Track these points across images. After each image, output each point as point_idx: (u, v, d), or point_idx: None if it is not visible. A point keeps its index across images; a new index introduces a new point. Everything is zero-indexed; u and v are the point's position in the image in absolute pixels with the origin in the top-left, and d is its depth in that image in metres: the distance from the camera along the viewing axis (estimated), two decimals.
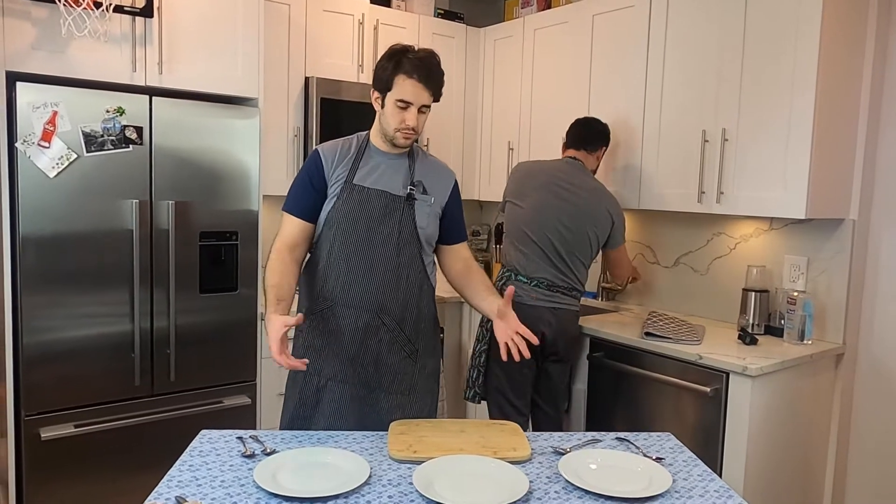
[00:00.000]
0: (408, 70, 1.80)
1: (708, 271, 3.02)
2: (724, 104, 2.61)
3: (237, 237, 2.77)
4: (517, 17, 3.74)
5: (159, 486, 1.39)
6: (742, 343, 2.53)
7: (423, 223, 1.91)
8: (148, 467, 2.63)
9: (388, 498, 1.38)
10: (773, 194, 2.47)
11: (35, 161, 2.33)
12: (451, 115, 3.75)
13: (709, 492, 1.46)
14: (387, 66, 1.82)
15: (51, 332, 2.42)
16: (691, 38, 2.73)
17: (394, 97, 1.82)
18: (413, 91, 1.81)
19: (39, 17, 2.35)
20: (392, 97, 1.82)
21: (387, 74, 1.82)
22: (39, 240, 2.37)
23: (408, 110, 1.82)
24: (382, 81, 1.83)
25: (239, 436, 1.66)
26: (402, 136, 1.85)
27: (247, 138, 2.75)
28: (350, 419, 1.90)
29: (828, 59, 2.37)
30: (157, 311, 2.62)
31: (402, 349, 1.92)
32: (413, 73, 1.80)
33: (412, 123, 1.83)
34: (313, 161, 1.90)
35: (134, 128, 2.50)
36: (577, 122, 2.83)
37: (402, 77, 1.80)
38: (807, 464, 2.59)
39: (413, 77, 1.80)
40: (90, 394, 2.51)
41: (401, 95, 1.81)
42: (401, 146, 1.90)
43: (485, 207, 4.31)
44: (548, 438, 1.74)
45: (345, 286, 1.87)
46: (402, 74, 1.80)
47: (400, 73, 1.80)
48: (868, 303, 2.61)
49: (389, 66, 1.82)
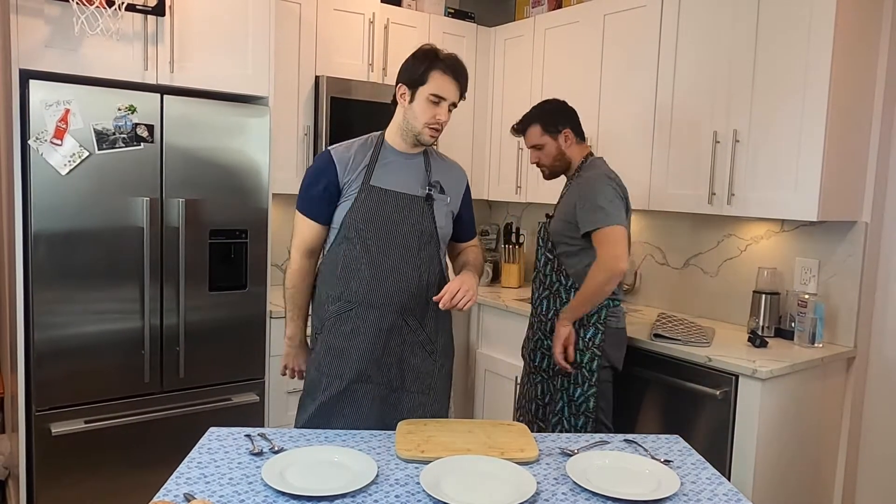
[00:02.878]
0: (443, 67, 1.84)
1: (718, 273, 3.00)
2: (736, 105, 2.59)
3: (247, 235, 2.77)
4: (528, 16, 3.73)
5: (168, 482, 1.40)
6: (752, 346, 2.52)
7: (441, 222, 1.95)
8: (156, 463, 2.64)
9: (396, 497, 1.38)
10: (784, 196, 2.45)
11: (47, 158, 2.35)
12: (461, 114, 3.74)
13: (717, 495, 1.45)
14: (420, 62, 1.86)
15: (62, 328, 2.43)
16: (703, 39, 2.71)
17: (427, 91, 1.84)
18: (448, 87, 1.85)
19: (52, 16, 2.36)
20: (425, 91, 1.84)
21: (421, 70, 1.85)
22: (51, 236, 2.39)
23: (440, 105, 1.85)
24: (415, 76, 1.86)
25: (247, 433, 1.67)
26: (430, 132, 1.88)
27: (257, 137, 2.76)
28: (371, 420, 1.91)
29: (841, 60, 2.35)
30: (167, 309, 2.63)
31: (423, 348, 1.95)
32: (448, 70, 1.84)
33: (444, 118, 1.86)
34: (326, 165, 1.90)
35: (145, 126, 2.51)
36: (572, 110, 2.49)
37: (438, 73, 1.84)
38: (816, 468, 2.57)
39: (448, 74, 1.84)
40: (100, 390, 2.53)
41: (436, 90, 1.84)
42: (425, 143, 1.92)
43: (494, 207, 4.31)
44: (555, 439, 1.74)
45: (368, 288, 1.89)
46: (438, 70, 1.84)
47: (436, 69, 1.84)
48: (880, 306, 2.59)
49: (424, 62, 1.85)
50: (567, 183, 2.49)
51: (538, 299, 2.48)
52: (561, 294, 2.39)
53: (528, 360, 2.51)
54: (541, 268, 2.48)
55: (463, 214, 2.06)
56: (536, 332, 2.47)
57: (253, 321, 2.83)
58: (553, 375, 2.40)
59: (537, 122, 2.44)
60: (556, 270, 2.42)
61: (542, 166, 2.49)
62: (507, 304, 3.26)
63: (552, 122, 2.43)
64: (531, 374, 2.49)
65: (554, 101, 2.50)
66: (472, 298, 1.78)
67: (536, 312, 2.48)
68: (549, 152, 2.44)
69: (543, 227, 2.50)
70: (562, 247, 2.40)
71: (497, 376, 3.34)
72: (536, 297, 2.49)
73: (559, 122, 2.42)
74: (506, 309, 3.26)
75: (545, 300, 2.45)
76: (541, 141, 2.43)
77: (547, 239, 2.46)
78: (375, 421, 1.92)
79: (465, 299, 1.76)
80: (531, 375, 2.49)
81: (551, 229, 2.44)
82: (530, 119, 2.46)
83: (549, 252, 2.45)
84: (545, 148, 2.44)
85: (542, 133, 2.43)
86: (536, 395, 2.46)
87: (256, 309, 2.83)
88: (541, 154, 2.46)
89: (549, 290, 2.44)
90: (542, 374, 2.44)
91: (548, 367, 2.42)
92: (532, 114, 2.47)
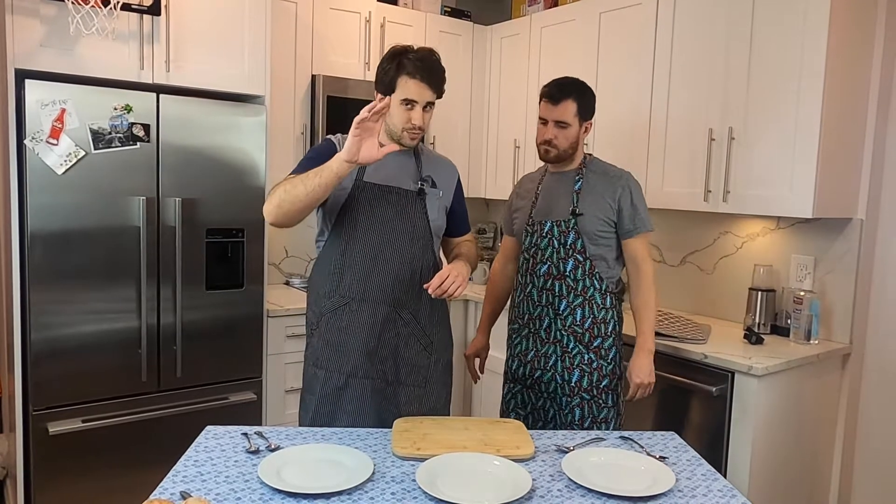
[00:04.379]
0: (410, 70, 1.82)
1: (714, 270, 3.01)
2: (731, 102, 2.60)
3: (243, 234, 2.78)
4: (524, 14, 3.73)
5: (164, 481, 1.40)
6: (748, 343, 2.53)
7: (434, 216, 1.98)
8: (153, 462, 2.64)
9: (392, 495, 1.38)
10: (780, 193, 2.46)
11: (43, 158, 2.35)
12: (457, 112, 3.75)
13: (712, 491, 1.46)
14: (389, 69, 1.84)
15: (58, 327, 2.44)
16: (698, 37, 2.72)
17: (398, 98, 1.83)
18: (417, 90, 1.83)
19: (48, 15, 2.36)
20: (396, 98, 1.84)
21: (389, 77, 1.84)
22: (47, 236, 2.39)
23: (413, 109, 1.85)
24: (385, 84, 1.85)
25: (244, 432, 1.67)
26: (409, 135, 1.88)
27: (253, 136, 2.76)
28: (371, 414, 1.93)
29: (835, 57, 2.35)
30: (164, 308, 2.63)
31: (418, 342, 1.97)
32: (416, 73, 1.82)
33: (418, 122, 1.85)
34: (330, 148, 1.89)
35: (141, 125, 2.51)
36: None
37: (404, 78, 1.82)
38: (812, 464, 2.58)
39: (416, 77, 1.82)
40: (97, 389, 2.53)
41: (405, 95, 1.83)
42: (407, 145, 1.92)
43: (491, 205, 4.31)
44: (551, 436, 1.74)
45: (362, 282, 1.90)
46: (405, 75, 1.82)
47: (402, 74, 1.82)
48: (875, 303, 2.60)
49: (392, 68, 1.83)
50: (561, 176, 2.24)
51: (568, 307, 2.16)
52: (596, 299, 2.16)
53: (560, 381, 2.18)
54: (568, 272, 2.16)
55: (456, 209, 2.08)
56: (567, 346, 2.17)
57: (250, 320, 2.83)
58: (597, 395, 2.16)
59: (576, 101, 2.17)
60: (588, 274, 2.16)
61: (553, 146, 2.18)
62: None
63: (588, 108, 2.20)
64: (565, 397, 2.18)
65: (591, 87, 2.24)
66: (463, 284, 1.78)
67: (566, 325, 2.16)
68: (570, 136, 2.18)
69: (567, 227, 2.18)
70: (597, 248, 2.16)
71: (493, 374, 3.34)
72: (565, 306, 2.16)
73: (591, 111, 2.22)
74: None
75: (579, 308, 2.15)
76: (571, 120, 2.16)
77: (576, 239, 2.16)
78: (375, 414, 1.93)
79: (455, 285, 1.75)
80: (565, 398, 2.18)
81: (586, 229, 2.15)
82: (572, 92, 2.17)
83: (578, 254, 2.16)
84: (568, 129, 2.17)
85: (575, 113, 2.16)
86: (573, 420, 2.17)
87: (253, 308, 2.83)
88: (561, 133, 2.17)
89: (582, 296, 2.16)
90: (583, 394, 2.16)
91: (590, 386, 2.16)
92: (575, 88, 2.18)
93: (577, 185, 2.20)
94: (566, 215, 2.18)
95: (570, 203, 2.19)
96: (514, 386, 2.31)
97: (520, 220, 2.33)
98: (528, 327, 2.25)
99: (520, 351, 2.28)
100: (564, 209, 2.19)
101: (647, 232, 2.17)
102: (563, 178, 2.24)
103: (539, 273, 2.21)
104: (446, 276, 1.76)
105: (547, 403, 2.23)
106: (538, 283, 2.21)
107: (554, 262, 2.19)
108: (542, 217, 2.23)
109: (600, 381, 2.16)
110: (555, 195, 2.23)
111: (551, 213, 2.22)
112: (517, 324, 2.30)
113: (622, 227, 2.16)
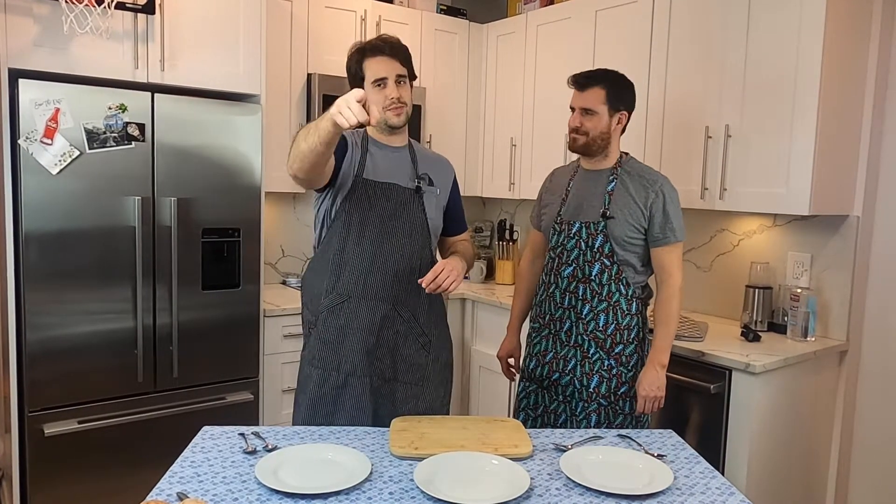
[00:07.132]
0: (370, 51, 1.89)
1: (711, 268, 3.01)
2: (728, 100, 2.60)
3: (239, 234, 2.77)
4: (520, 12, 3.73)
5: (161, 481, 1.40)
6: (745, 340, 2.53)
7: (431, 214, 1.98)
8: (150, 463, 2.63)
9: (390, 494, 1.38)
10: (776, 190, 2.46)
11: (38, 158, 2.34)
12: (453, 111, 3.74)
13: (710, 489, 1.46)
14: (352, 60, 1.92)
15: (54, 328, 2.42)
16: (694, 34, 2.72)
17: (369, 82, 1.88)
18: (382, 66, 1.88)
19: (41, 14, 2.35)
20: (368, 83, 1.88)
21: (355, 66, 1.91)
22: (42, 236, 2.37)
23: (386, 87, 1.88)
24: (353, 74, 1.92)
25: (241, 432, 1.66)
26: (393, 112, 1.90)
27: (249, 135, 2.75)
28: (369, 412, 1.93)
29: (831, 54, 2.35)
30: (160, 308, 2.62)
31: (416, 340, 1.97)
32: (376, 51, 1.89)
33: (394, 94, 1.88)
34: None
35: (136, 125, 2.50)
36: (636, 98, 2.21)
37: (368, 60, 1.89)
38: (810, 461, 2.58)
39: (378, 55, 1.88)
40: (93, 390, 2.52)
41: (374, 76, 1.88)
42: (396, 124, 1.92)
43: (488, 204, 4.31)
44: (549, 435, 1.74)
45: (360, 279, 1.91)
46: (366, 59, 1.89)
47: (365, 59, 1.89)
48: (872, 300, 2.60)
49: (355, 58, 1.91)
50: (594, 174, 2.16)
51: (591, 311, 2.10)
52: (621, 305, 2.09)
53: (578, 385, 2.13)
54: (594, 276, 2.10)
55: (452, 207, 2.08)
56: (588, 351, 2.11)
57: (246, 320, 2.82)
58: (614, 401, 2.11)
59: (604, 87, 2.10)
60: (615, 279, 2.09)
61: (581, 133, 2.11)
62: (502, 300, 3.26)
63: (619, 96, 2.12)
64: (582, 402, 2.12)
65: (627, 78, 2.17)
66: (458, 279, 1.79)
67: (588, 329, 2.11)
68: (598, 125, 2.09)
69: (596, 230, 2.10)
70: (625, 253, 2.09)
71: (492, 373, 3.34)
72: (588, 310, 2.11)
73: (624, 101, 2.13)
74: (500, 305, 3.26)
75: (602, 314, 2.09)
76: (598, 108, 2.09)
77: (605, 243, 2.09)
78: (372, 412, 1.93)
79: (450, 280, 1.76)
80: (581, 403, 2.12)
81: (616, 233, 2.07)
82: (600, 79, 2.11)
83: (606, 258, 2.09)
84: (595, 118, 2.09)
85: (604, 100, 2.09)
86: (588, 427, 2.10)
87: (250, 308, 2.82)
88: (588, 121, 2.10)
89: (606, 301, 2.09)
90: (601, 400, 2.10)
91: (608, 392, 2.10)
92: (603, 75, 2.12)
93: (611, 186, 2.11)
94: (596, 217, 2.10)
95: (601, 205, 2.11)
96: (529, 385, 2.26)
97: (548, 216, 2.25)
98: (549, 328, 2.19)
99: (538, 351, 2.22)
100: (595, 211, 2.11)
101: (677, 242, 2.07)
102: (596, 178, 2.16)
103: (563, 274, 2.15)
104: (440, 270, 1.76)
105: (560, 407, 2.18)
106: (562, 284, 2.16)
107: (580, 265, 2.12)
108: (570, 217, 2.16)
109: (619, 387, 2.10)
110: (586, 195, 2.15)
111: (581, 213, 2.14)
112: (538, 323, 2.24)
113: (651, 234, 2.08)
